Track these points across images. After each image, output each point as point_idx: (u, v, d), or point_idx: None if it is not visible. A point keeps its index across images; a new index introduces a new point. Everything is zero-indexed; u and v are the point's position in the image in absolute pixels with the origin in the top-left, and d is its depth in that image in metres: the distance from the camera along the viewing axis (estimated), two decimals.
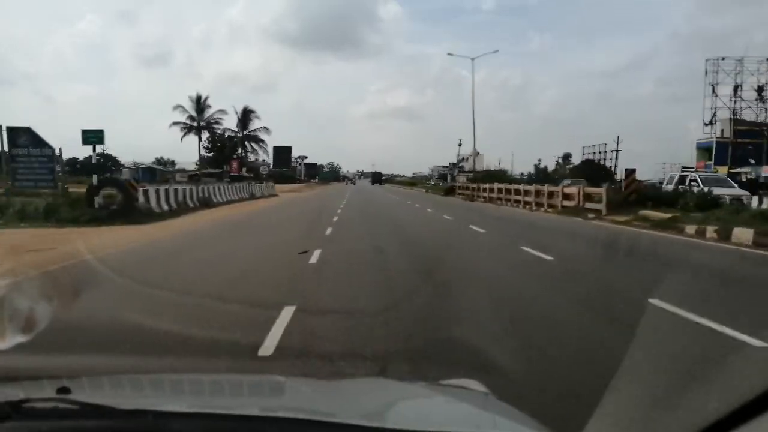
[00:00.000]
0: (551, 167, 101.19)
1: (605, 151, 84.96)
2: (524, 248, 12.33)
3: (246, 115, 77.43)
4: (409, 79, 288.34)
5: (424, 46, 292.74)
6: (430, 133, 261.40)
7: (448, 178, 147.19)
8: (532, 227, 19.84)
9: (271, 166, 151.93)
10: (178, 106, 73.33)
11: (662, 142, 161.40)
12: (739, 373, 3.70)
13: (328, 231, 16.36)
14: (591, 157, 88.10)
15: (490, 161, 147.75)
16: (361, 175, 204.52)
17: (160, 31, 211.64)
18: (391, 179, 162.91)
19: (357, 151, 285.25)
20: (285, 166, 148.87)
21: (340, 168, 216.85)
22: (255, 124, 78.56)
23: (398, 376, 3.80)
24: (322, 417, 1.44)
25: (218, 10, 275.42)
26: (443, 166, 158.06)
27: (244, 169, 73.83)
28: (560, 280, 8.98)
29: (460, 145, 60.82)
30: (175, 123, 73.00)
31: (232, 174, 70.05)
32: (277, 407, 1.73)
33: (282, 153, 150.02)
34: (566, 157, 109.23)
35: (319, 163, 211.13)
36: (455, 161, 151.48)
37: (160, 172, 66.92)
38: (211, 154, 75.72)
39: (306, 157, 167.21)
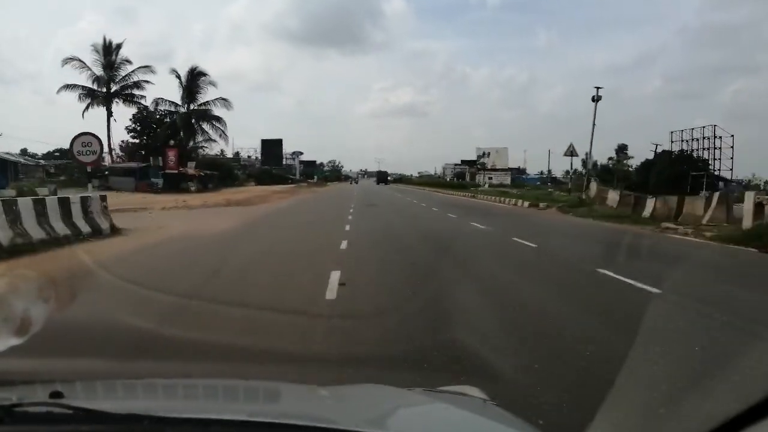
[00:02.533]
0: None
1: (704, 137, 58.23)
2: None
3: (194, 80, 47.76)
4: (413, 76, 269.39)
5: (429, 42, 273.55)
6: (435, 132, 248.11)
7: (467, 176, 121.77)
8: None
9: (261, 163, 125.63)
10: (71, 59, 44.20)
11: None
12: None
13: None
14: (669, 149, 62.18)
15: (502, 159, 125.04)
16: (365, 174, 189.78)
17: (160, 28, 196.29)
18: (408, 179, 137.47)
19: (359, 150, 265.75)
20: (276, 163, 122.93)
21: (342, 166, 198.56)
22: (209, 95, 50.08)
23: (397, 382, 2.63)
24: (320, 423, 1.37)
25: (218, 7, 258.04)
26: (456, 164, 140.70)
27: (192, 165, 46.58)
28: None
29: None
30: (69, 86, 44.07)
31: (168, 171, 43.20)
32: (274, 413, 1.61)
33: (272, 147, 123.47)
34: (622, 149, 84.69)
35: (319, 162, 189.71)
36: (473, 158, 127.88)
37: (23, 167, 39.12)
38: (137, 141, 47.85)
39: (302, 153, 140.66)
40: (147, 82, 46.96)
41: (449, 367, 3.93)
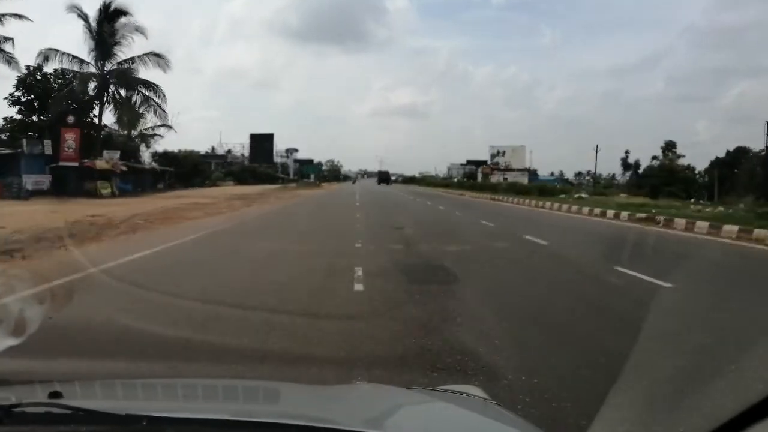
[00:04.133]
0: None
1: None
2: None
3: (109, 24, 30.37)
4: (415, 75, 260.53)
5: (430, 40, 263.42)
6: (436, 132, 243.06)
7: (479, 176, 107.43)
8: None
9: (249, 160, 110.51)
10: None
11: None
12: None
13: None
14: None
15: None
16: (364, 174, 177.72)
17: (159, 24, 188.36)
18: (421, 179, 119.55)
19: (359, 150, 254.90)
20: (266, 160, 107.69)
21: (341, 166, 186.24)
22: (134, 48, 31.99)
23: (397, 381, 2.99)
24: (319, 423, 1.33)
25: (218, 2, 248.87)
26: (461, 164, 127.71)
27: (113, 156, 30.63)
28: None
29: None
30: None
31: (63, 163, 27.22)
32: (273, 413, 1.57)
33: (261, 142, 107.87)
34: (669, 146, 70.61)
35: (317, 160, 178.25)
36: (479, 159, 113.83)
37: None
38: (20, 117, 30.83)
39: (296, 150, 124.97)
40: (17, 17, 28.64)
41: None
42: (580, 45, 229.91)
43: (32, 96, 29.60)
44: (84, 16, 29.53)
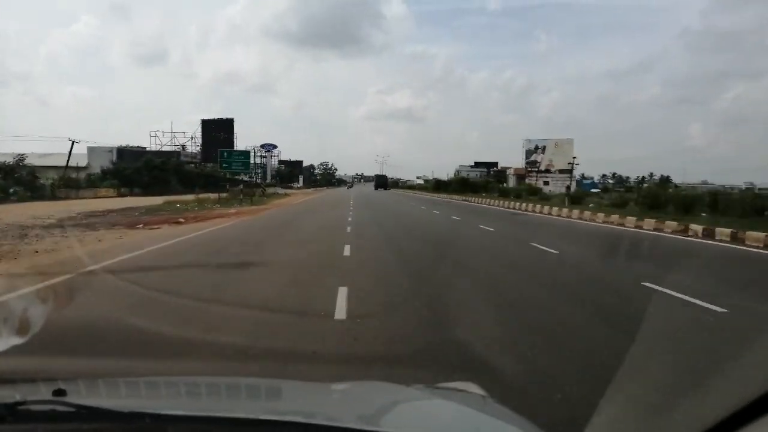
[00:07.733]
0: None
1: None
2: None
3: None
4: (412, 79, 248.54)
5: (427, 46, 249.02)
6: (434, 136, 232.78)
7: (510, 180, 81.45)
8: None
9: (201, 155, 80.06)
10: None
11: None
12: None
13: None
14: None
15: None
16: (361, 178, 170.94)
17: (156, 28, 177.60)
18: (449, 185, 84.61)
19: (356, 153, 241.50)
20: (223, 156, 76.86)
21: (336, 170, 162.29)
22: None
23: (396, 378, 2.74)
24: (320, 420, 1.34)
25: (216, 6, 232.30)
26: (470, 167, 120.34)
27: None
28: None
29: None
30: None
31: None
32: (274, 410, 1.57)
33: (215, 129, 77.00)
34: None
35: (308, 163, 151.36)
36: (488, 160, 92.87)
37: None
38: None
39: (274, 147, 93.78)
40: None
41: None
42: (567, 51, 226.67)
43: None
44: None
